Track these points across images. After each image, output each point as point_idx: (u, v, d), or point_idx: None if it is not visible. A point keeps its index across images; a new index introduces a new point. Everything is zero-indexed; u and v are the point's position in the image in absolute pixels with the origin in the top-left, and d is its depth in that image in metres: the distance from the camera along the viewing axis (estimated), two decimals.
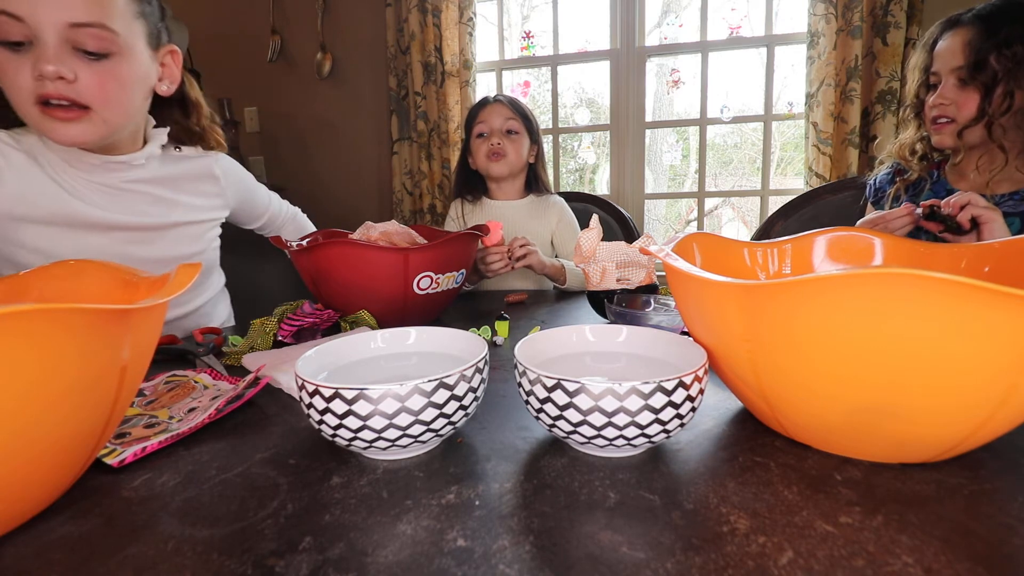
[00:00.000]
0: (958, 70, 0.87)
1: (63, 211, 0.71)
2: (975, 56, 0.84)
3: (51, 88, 0.61)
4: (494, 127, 1.27)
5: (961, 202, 0.77)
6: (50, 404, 0.29)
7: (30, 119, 0.64)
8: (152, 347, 0.38)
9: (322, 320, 0.73)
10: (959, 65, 0.86)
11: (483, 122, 1.28)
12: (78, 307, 0.28)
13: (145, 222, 0.79)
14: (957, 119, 0.89)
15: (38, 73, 0.60)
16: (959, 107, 0.88)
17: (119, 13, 0.65)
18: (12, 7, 0.58)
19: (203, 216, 0.88)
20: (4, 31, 0.59)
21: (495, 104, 1.29)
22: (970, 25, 0.86)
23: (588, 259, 0.79)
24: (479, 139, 1.28)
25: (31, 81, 0.61)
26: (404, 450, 0.39)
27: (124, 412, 0.37)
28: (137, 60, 0.69)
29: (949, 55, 0.88)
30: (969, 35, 0.85)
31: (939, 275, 0.27)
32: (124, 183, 0.77)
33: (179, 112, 0.85)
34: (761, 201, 2.03)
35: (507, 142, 1.27)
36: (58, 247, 0.71)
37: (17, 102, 0.63)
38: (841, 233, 0.58)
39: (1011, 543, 0.29)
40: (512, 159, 1.28)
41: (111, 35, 0.64)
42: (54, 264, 0.48)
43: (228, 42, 2.40)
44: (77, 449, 0.33)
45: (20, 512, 0.33)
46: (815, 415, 0.37)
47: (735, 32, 2.02)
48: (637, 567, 0.28)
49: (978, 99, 0.85)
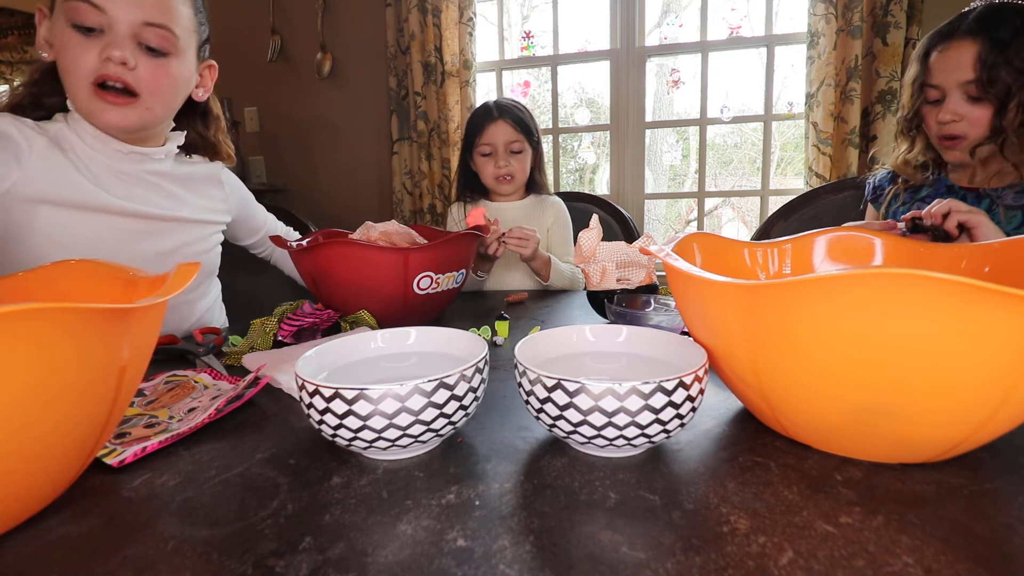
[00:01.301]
0: (966, 85, 0.84)
1: (79, 192, 0.73)
2: (987, 72, 0.81)
3: (112, 70, 0.68)
4: (499, 148, 1.26)
5: (942, 211, 0.75)
6: (49, 404, 0.29)
7: (81, 97, 0.70)
8: (151, 347, 0.38)
9: (322, 320, 0.73)
10: (968, 80, 0.83)
11: (488, 143, 1.27)
12: (77, 307, 0.28)
13: (156, 213, 0.81)
14: (968, 135, 0.86)
15: (105, 56, 0.67)
16: (971, 123, 0.85)
17: (183, 22, 0.74)
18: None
19: (209, 217, 0.91)
20: (82, 16, 0.66)
21: (499, 122, 1.26)
22: (971, 36, 0.83)
23: (588, 259, 0.79)
24: (484, 157, 1.29)
25: (95, 62, 0.67)
26: (404, 450, 0.39)
27: (123, 412, 0.37)
28: (187, 64, 0.77)
29: (953, 69, 0.85)
30: (975, 48, 0.82)
31: (939, 275, 0.27)
32: (142, 173, 0.81)
33: (200, 122, 0.91)
34: (761, 201, 2.03)
35: (513, 161, 1.27)
36: (69, 233, 0.73)
37: (73, 80, 0.69)
38: (841, 233, 0.58)
39: (1011, 543, 0.29)
40: (519, 178, 1.30)
41: (173, 37, 0.72)
42: (54, 264, 0.48)
43: (228, 42, 2.40)
44: (76, 448, 0.33)
45: (18, 512, 0.33)
46: (815, 415, 0.37)
47: (735, 32, 2.02)
48: (637, 567, 0.28)
49: (990, 114, 0.83)
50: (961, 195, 0.93)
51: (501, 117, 1.26)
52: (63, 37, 0.68)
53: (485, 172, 1.30)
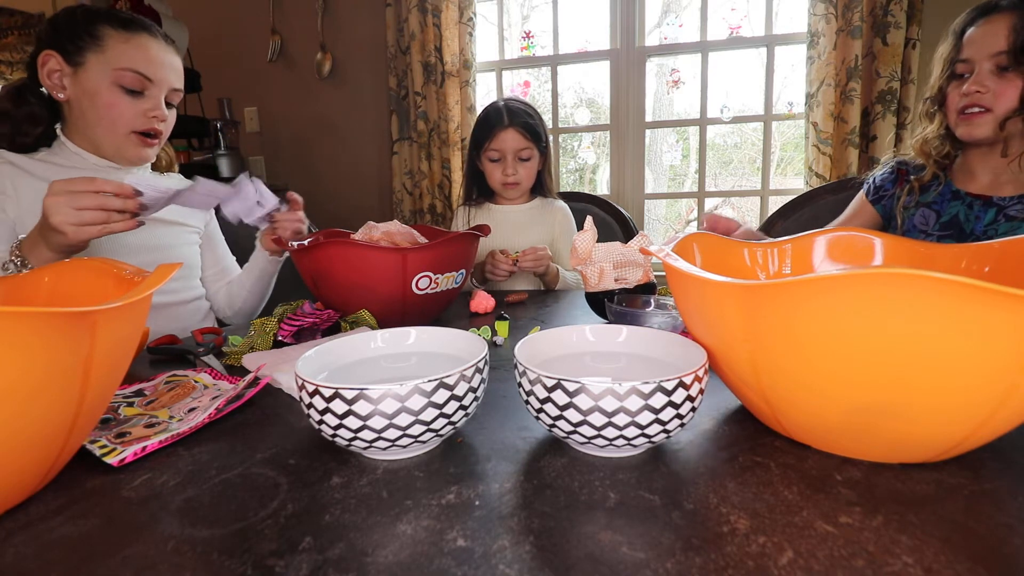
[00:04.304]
0: (997, 56, 0.82)
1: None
2: (1021, 40, 0.79)
3: (157, 125, 0.89)
4: (508, 155, 1.26)
5: None
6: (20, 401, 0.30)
7: (116, 140, 0.88)
8: (130, 342, 0.38)
9: (322, 320, 0.73)
10: (1000, 50, 0.81)
11: (497, 149, 1.26)
12: (39, 311, 0.28)
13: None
14: (995, 108, 0.84)
15: (152, 115, 0.88)
16: (997, 96, 0.83)
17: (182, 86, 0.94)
18: (146, 71, 0.85)
19: (183, 220, 1.01)
20: (132, 82, 0.85)
21: (510, 130, 1.24)
22: (1011, 11, 0.81)
23: (584, 260, 0.79)
24: (492, 163, 1.29)
25: (139, 117, 0.87)
26: (404, 450, 0.39)
27: (99, 407, 0.37)
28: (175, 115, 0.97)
29: (988, 40, 0.83)
30: (1013, 19, 0.81)
31: (939, 275, 0.27)
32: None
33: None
34: (761, 201, 2.03)
35: (521, 168, 1.27)
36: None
37: (111, 127, 0.86)
38: (841, 233, 0.58)
39: (1011, 543, 0.29)
40: (525, 184, 1.30)
41: (178, 98, 0.94)
42: (54, 264, 0.49)
43: (228, 42, 2.40)
44: (45, 443, 0.34)
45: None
46: (815, 415, 0.37)
47: (735, 32, 2.02)
48: (637, 567, 0.28)
49: (1020, 87, 0.81)
50: (968, 201, 0.92)
51: (512, 124, 1.24)
52: (107, 95, 0.84)
53: (492, 176, 1.30)
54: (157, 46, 0.87)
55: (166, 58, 0.88)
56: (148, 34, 0.86)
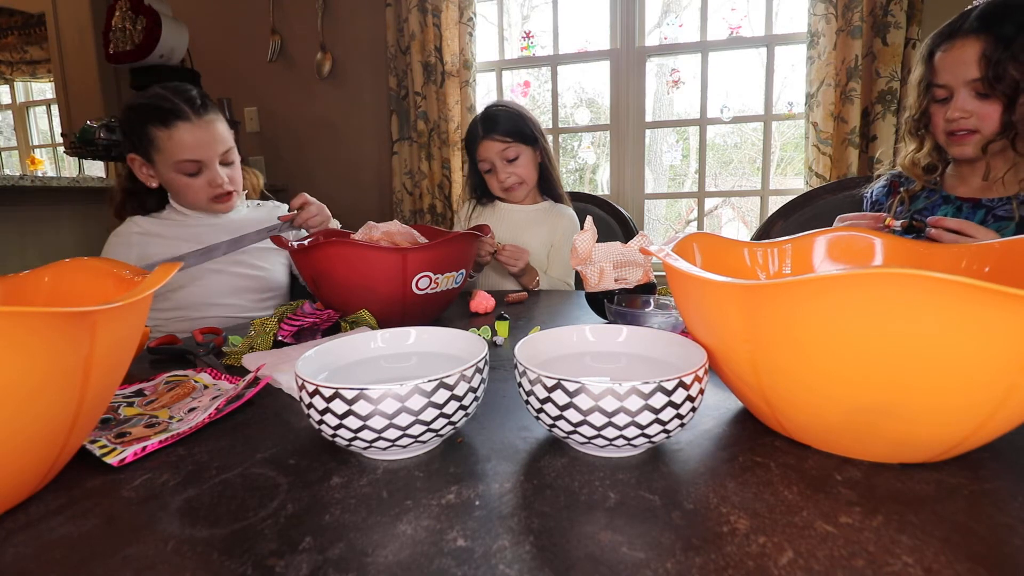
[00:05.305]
0: (973, 83, 0.83)
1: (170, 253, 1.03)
2: (993, 69, 0.80)
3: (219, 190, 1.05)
4: (495, 162, 1.26)
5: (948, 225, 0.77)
6: (20, 401, 0.30)
7: (201, 204, 1.06)
8: (130, 342, 0.38)
9: (322, 320, 0.73)
10: (974, 78, 0.83)
11: (483, 159, 1.27)
12: (39, 311, 0.28)
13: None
14: (981, 130, 0.85)
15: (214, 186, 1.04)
16: (981, 119, 0.85)
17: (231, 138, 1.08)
18: (194, 156, 1.00)
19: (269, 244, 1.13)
20: (188, 168, 1.01)
21: (486, 141, 1.25)
22: (974, 35, 0.82)
23: (584, 260, 0.79)
24: (487, 173, 1.30)
25: (206, 188, 1.04)
26: (404, 450, 0.39)
27: (99, 407, 0.37)
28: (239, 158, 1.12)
29: (959, 68, 0.84)
30: (979, 46, 0.82)
31: (939, 275, 0.27)
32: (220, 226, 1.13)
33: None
34: (761, 201, 2.03)
35: (512, 169, 1.27)
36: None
37: (196, 201, 1.06)
38: (841, 233, 0.58)
39: (1011, 543, 0.29)
40: (527, 181, 1.30)
41: (234, 152, 1.08)
42: (54, 264, 0.49)
43: (228, 42, 2.40)
44: (45, 443, 0.33)
45: None
46: (815, 415, 0.37)
47: (735, 32, 2.02)
48: (637, 567, 0.28)
49: (1000, 110, 0.82)
50: (958, 205, 0.93)
51: (487, 136, 1.25)
52: (176, 182, 1.03)
53: (491, 185, 1.31)
54: (195, 128, 0.99)
55: (205, 135, 1.01)
56: (183, 121, 0.98)
